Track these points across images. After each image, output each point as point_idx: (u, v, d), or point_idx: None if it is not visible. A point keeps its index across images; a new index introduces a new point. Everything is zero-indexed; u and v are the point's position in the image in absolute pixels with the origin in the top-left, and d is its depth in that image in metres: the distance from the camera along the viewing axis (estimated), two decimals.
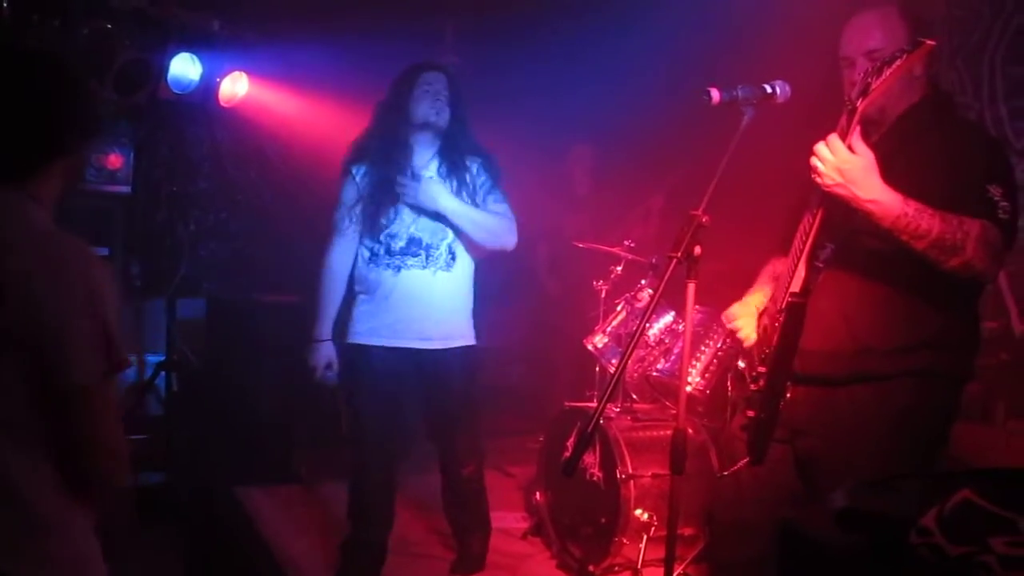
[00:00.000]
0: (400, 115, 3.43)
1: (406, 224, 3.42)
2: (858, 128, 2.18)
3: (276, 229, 6.23)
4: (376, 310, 3.47)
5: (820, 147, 2.20)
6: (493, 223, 3.43)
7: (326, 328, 3.55)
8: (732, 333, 2.61)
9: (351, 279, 3.55)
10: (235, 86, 5.37)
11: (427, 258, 3.42)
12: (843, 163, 2.16)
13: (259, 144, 6.03)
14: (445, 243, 3.44)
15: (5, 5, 4.46)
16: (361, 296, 3.52)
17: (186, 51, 5.08)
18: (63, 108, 1.79)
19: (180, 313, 5.48)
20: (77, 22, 4.79)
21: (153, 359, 5.62)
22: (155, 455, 5.14)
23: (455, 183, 3.44)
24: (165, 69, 5.03)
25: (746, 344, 2.53)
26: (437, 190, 3.38)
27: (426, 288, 3.43)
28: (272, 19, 5.42)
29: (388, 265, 3.42)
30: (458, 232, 3.43)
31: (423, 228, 3.43)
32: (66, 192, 1.86)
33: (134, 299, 5.91)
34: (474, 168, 3.49)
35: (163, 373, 5.34)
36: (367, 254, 3.48)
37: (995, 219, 2.22)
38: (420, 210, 3.41)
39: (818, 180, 2.22)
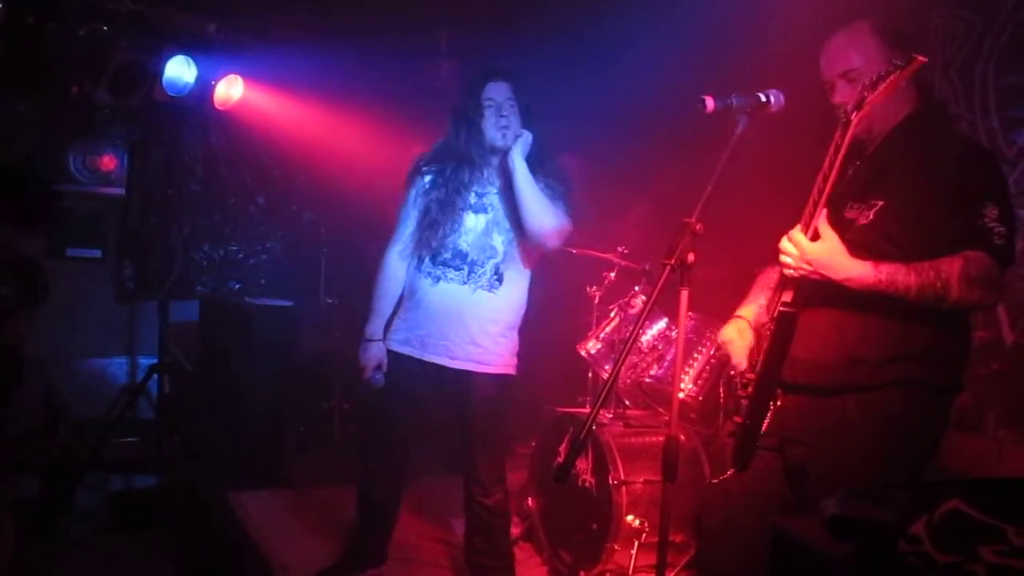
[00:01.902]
0: (468, 131, 3.34)
1: (458, 236, 3.33)
2: (824, 211, 2.23)
3: (270, 232, 6.24)
4: (412, 319, 3.41)
5: (784, 243, 2.28)
6: (547, 204, 3.27)
7: (377, 327, 3.46)
8: (727, 354, 2.62)
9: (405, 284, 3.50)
10: (230, 89, 5.37)
11: (469, 274, 3.32)
12: (808, 255, 2.25)
13: (254, 147, 6.04)
14: (492, 263, 3.33)
15: (1, 7, 4.46)
16: (405, 303, 3.46)
17: (181, 54, 5.09)
18: None
19: (173, 316, 5.47)
20: (73, 24, 4.80)
21: (145, 362, 5.62)
22: (147, 458, 5.13)
23: (511, 207, 3.33)
24: (160, 71, 5.04)
25: (737, 369, 2.54)
26: (523, 148, 3.28)
27: (461, 304, 3.32)
28: (268, 22, 5.43)
29: (429, 275, 3.35)
30: (518, 222, 3.29)
31: (473, 244, 3.33)
32: None
33: (127, 301, 5.91)
34: (545, 181, 3.36)
35: (155, 376, 5.33)
36: (416, 261, 3.41)
37: (989, 247, 2.22)
38: (478, 228, 3.34)
39: (789, 272, 2.30)
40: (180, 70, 5.12)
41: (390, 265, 3.46)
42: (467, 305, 3.32)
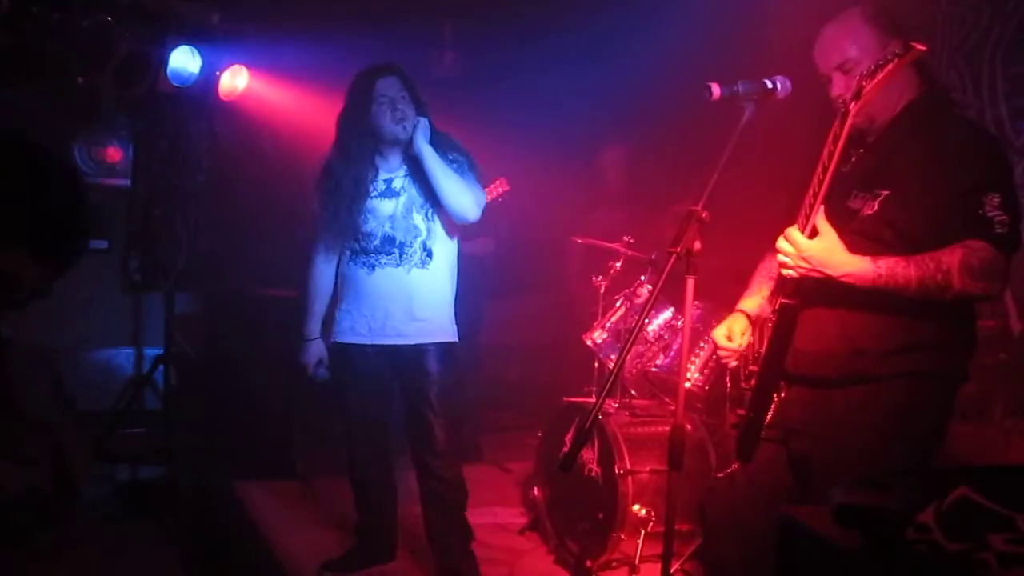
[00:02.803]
0: (363, 129, 3.46)
1: (380, 223, 3.46)
2: (822, 208, 2.21)
3: (275, 223, 6.23)
4: (353, 309, 3.54)
5: (781, 243, 2.26)
6: (462, 183, 3.41)
7: (314, 327, 3.66)
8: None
9: (337, 280, 3.64)
10: (235, 80, 5.36)
11: (401, 256, 3.45)
12: (805, 253, 2.22)
13: (259, 137, 6.03)
14: (419, 240, 3.46)
15: None
16: (343, 295, 3.60)
17: (186, 44, 5.09)
18: None
19: (179, 307, 5.48)
20: (77, 15, 4.79)
21: (152, 353, 5.63)
22: (153, 449, 5.15)
23: (424, 185, 3.44)
24: (165, 62, 5.03)
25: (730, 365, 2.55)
26: (425, 134, 3.39)
27: (400, 285, 3.46)
28: (272, 13, 5.42)
29: (364, 264, 3.49)
30: (434, 199, 3.41)
31: (397, 227, 3.45)
32: None
33: (133, 292, 5.92)
34: (451, 158, 3.48)
35: (162, 367, 5.34)
36: (348, 254, 3.55)
37: (990, 236, 2.18)
38: (397, 212, 3.46)
39: (787, 272, 2.27)
40: (184, 61, 5.12)
41: (317, 268, 3.63)
42: (405, 285, 3.46)
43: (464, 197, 3.40)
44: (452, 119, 3.69)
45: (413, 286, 3.47)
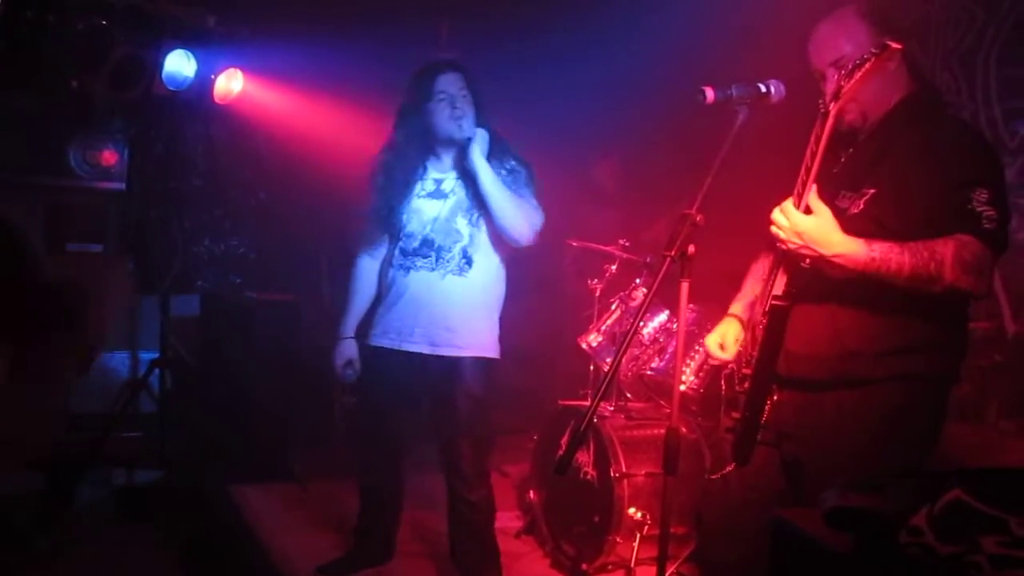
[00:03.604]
0: (418, 124, 3.35)
1: (423, 224, 3.34)
2: (814, 186, 2.19)
3: (271, 226, 6.23)
4: (389, 311, 3.43)
5: (776, 214, 2.24)
6: (518, 203, 3.26)
7: (348, 326, 3.54)
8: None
9: (380, 279, 3.55)
10: (230, 83, 5.35)
11: (437, 260, 3.32)
12: (799, 227, 2.19)
13: (254, 141, 6.02)
14: (459, 246, 3.32)
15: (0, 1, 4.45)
16: (384, 298, 3.49)
17: (181, 47, 5.07)
18: None
19: (174, 310, 5.46)
20: (72, 18, 4.79)
21: (147, 356, 5.61)
22: (149, 453, 5.14)
23: (473, 190, 3.32)
24: (160, 65, 5.02)
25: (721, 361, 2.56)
26: (480, 149, 3.26)
27: (434, 291, 3.33)
28: (268, 16, 5.41)
29: (400, 266, 3.38)
30: (484, 208, 3.28)
31: (438, 230, 3.33)
32: None
33: (128, 296, 5.90)
34: (505, 168, 3.35)
35: (157, 370, 5.33)
36: (390, 256, 3.45)
37: (978, 231, 2.17)
38: (441, 215, 3.35)
39: (780, 245, 2.26)
40: (180, 64, 5.11)
41: (360, 265, 3.53)
42: (438, 291, 3.33)
43: (518, 220, 3.25)
44: None
45: (447, 293, 3.32)
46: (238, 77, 5.37)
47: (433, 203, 3.36)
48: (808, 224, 2.19)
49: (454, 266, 3.33)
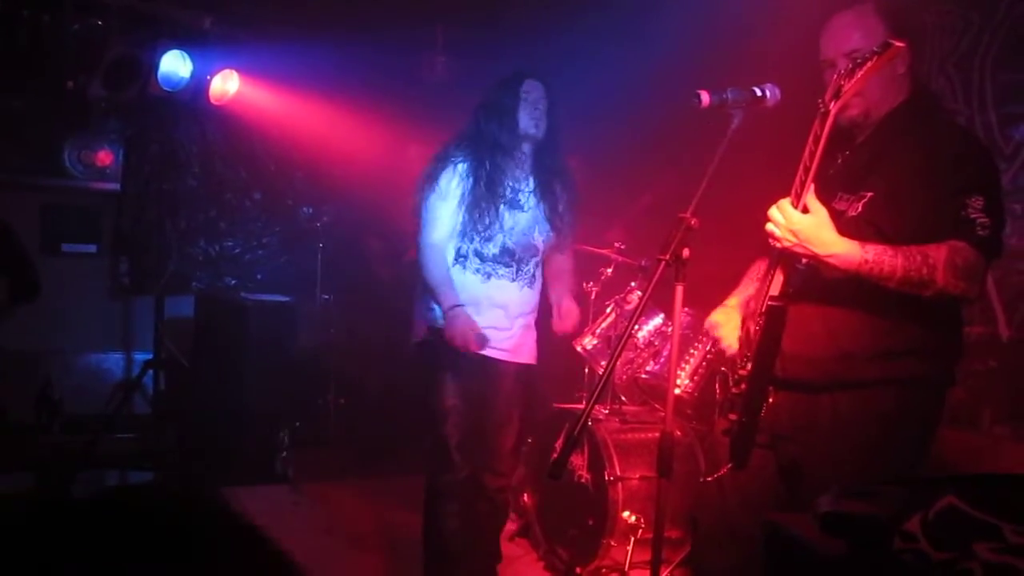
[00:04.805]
0: (505, 121, 3.33)
1: (504, 232, 3.32)
2: (812, 186, 2.19)
3: (266, 228, 6.22)
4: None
5: (773, 212, 2.24)
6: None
7: (456, 295, 3.28)
8: (717, 339, 2.61)
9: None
10: (226, 84, 5.35)
11: (517, 271, 3.38)
12: (794, 225, 2.20)
13: (249, 142, 6.02)
14: (534, 260, 3.41)
15: None
16: None
17: (177, 48, 5.07)
18: None
19: (168, 311, 5.46)
20: (68, 18, 4.78)
21: (141, 357, 5.61)
22: (142, 454, 5.13)
23: (547, 206, 3.39)
24: (155, 66, 5.02)
25: (728, 352, 2.53)
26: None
27: (510, 300, 3.37)
28: (263, 17, 5.41)
29: (478, 270, 3.33)
30: (554, 212, 3.37)
31: (518, 242, 3.35)
32: None
33: (122, 296, 5.90)
34: (558, 187, 3.42)
35: (151, 371, 5.32)
36: (459, 258, 3.35)
37: (972, 238, 2.18)
38: (519, 225, 3.35)
39: (775, 243, 2.26)
40: (175, 65, 5.11)
41: (437, 247, 3.32)
42: (516, 301, 3.39)
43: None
44: (443, 123, 3.68)
45: (522, 303, 3.40)
46: (233, 78, 5.37)
47: (512, 213, 3.34)
48: (804, 223, 2.19)
49: (528, 278, 3.42)
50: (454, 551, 3.39)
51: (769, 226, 2.25)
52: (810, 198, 2.20)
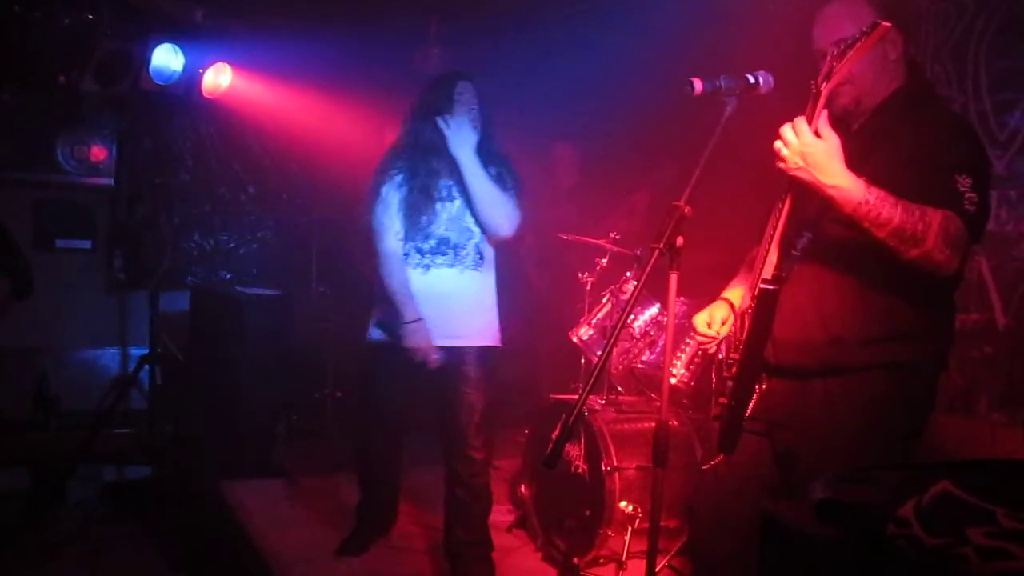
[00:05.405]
0: (435, 123, 3.47)
1: (439, 224, 3.47)
2: (824, 112, 2.17)
3: (260, 222, 6.21)
4: None
5: (785, 130, 2.19)
6: (499, 197, 3.44)
7: (417, 308, 3.45)
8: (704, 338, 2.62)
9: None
10: (218, 77, 5.33)
11: (455, 257, 3.48)
12: (806, 147, 2.15)
13: (243, 136, 6.00)
14: (472, 243, 3.49)
15: None
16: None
17: (168, 42, 5.05)
18: None
19: (163, 306, 5.45)
20: (58, 13, 4.76)
21: (137, 352, 5.60)
22: (139, 449, 5.13)
23: None
24: (147, 60, 5.00)
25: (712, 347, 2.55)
26: (470, 141, 3.43)
27: (453, 287, 3.47)
28: (256, 10, 5.39)
29: (418, 264, 3.48)
30: (468, 198, 3.45)
31: (452, 228, 3.47)
32: None
33: (117, 292, 5.89)
34: (497, 172, 3.52)
35: (147, 367, 5.31)
36: (402, 255, 3.51)
37: (960, 211, 2.17)
38: (452, 214, 3.47)
39: (780, 165, 2.21)
40: (167, 58, 5.09)
41: (393, 253, 3.48)
42: (458, 287, 3.48)
43: (497, 210, 3.44)
44: None
45: (466, 287, 3.49)
46: (226, 71, 5.35)
47: (446, 204, 3.49)
48: (817, 147, 2.14)
49: (470, 262, 3.50)
50: None
51: (778, 144, 2.20)
52: (822, 125, 2.16)
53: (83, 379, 5.67)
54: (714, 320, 2.58)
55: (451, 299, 3.47)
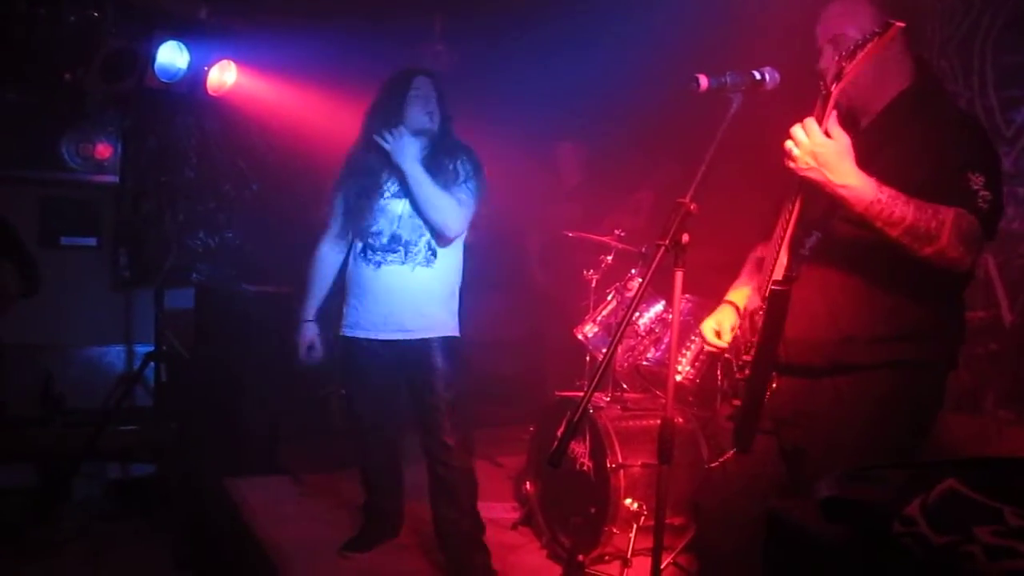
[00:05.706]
0: (391, 120, 3.55)
1: (390, 222, 3.54)
2: (834, 112, 2.17)
3: (265, 218, 6.20)
4: (362, 305, 3.62)
5: (796, 130, 2.18)
6: (443, 201, 3.48)
7: (309, 310, 3.74)
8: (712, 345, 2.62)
9: (345, 275, 3.71)
10: (223, 75, 5.33)
11: (406, 254, 3.54)
12: (817, 146, 2.14)
13: (248, 133, 5.99)
14: (424, 240, 3.54)
15: None
16: (349, 290, 3.68)
17: (173, 39, 5.04)
18: None
19: (168, 303, 5.44)
20: (63, 10, 4.75)
21: (142, 349, 5.60)
22: (144, 446, 5.13)
23: (432, 175, 3.53)
24: (152, 57, 4.99)
25: (718, 340, 2.55)
26: (410, 151, 3.50)
27: (404, 283, 3.54)
28: (260, 7, 5.39)
29: (370, 261, 3.56)
30: (413, 202, 3.51)
31: (404, 226, 3.53)
32: None
33: (122, 289, 5.89)
34: (454, 164, 3.58)
35: (152, 364, 5.31)
36: (356, 250, 3.63)
37: (973, 208, 2.17)
38: (403, 212, 3.54)
39: (791, 164, 2.20)
40: (172, 56, 5.08)
41: (322, 253, 3.73)
42: (410, 283, 3.55)
43: (439, 212, 3.48)
44: None
45: (417, 283, 3.55)
46: (231, 69, 5.34)
47: (397, 202, 3.56)
48: (828, 146, 2.14)
49: (421, 258, 3.55)
50: None
51: (788, 144, 2.19)
52: (832, 125, 2.16)
53: (88, 376, 5.67)
54: (723, 329, 2.58)
55: (401, 295, 3.54)
